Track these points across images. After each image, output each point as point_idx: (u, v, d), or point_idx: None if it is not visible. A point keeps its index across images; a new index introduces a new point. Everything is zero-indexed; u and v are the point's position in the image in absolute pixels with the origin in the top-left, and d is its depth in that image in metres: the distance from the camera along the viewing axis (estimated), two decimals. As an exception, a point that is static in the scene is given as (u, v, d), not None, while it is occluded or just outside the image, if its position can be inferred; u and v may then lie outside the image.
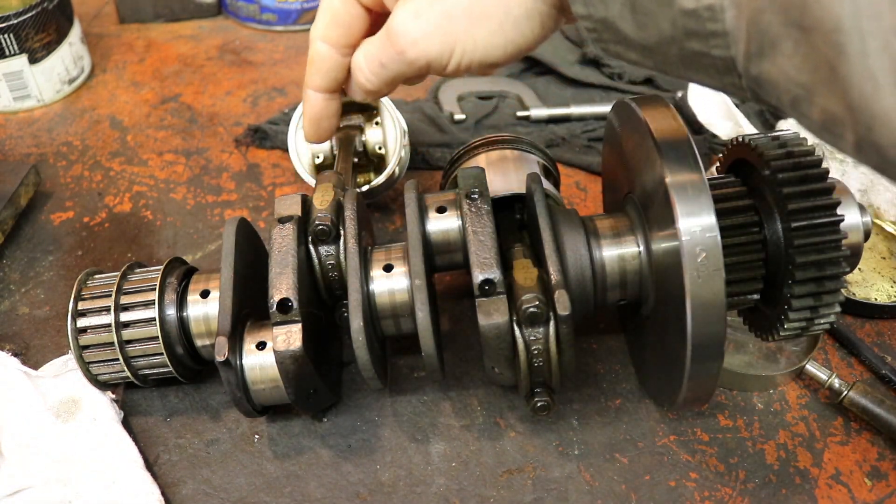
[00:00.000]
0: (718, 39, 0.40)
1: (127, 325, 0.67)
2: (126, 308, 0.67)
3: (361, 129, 0.85)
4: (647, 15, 0.43)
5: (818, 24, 0.35)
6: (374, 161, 0.87)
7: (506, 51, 0.51)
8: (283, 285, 0.61)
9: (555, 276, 0.59)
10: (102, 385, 0.70)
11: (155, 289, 0.67)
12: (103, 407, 0.69)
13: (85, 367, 0.68)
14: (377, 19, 0.56)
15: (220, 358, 0.60)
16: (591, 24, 0.46)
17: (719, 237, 0.52)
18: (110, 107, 1.10)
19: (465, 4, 0.49)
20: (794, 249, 0.56)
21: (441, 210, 0.66)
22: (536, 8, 0.49)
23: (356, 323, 0.61)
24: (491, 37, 0.50)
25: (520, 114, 1.06)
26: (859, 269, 0.83)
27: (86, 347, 0.68)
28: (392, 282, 0.64)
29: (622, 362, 0.75)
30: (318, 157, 0.85)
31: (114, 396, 0.71)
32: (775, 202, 0.58)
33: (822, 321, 0.59)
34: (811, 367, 0.71)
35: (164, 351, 0.67)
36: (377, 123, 0.85)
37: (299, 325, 0.60)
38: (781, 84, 0.39)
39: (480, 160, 0.77)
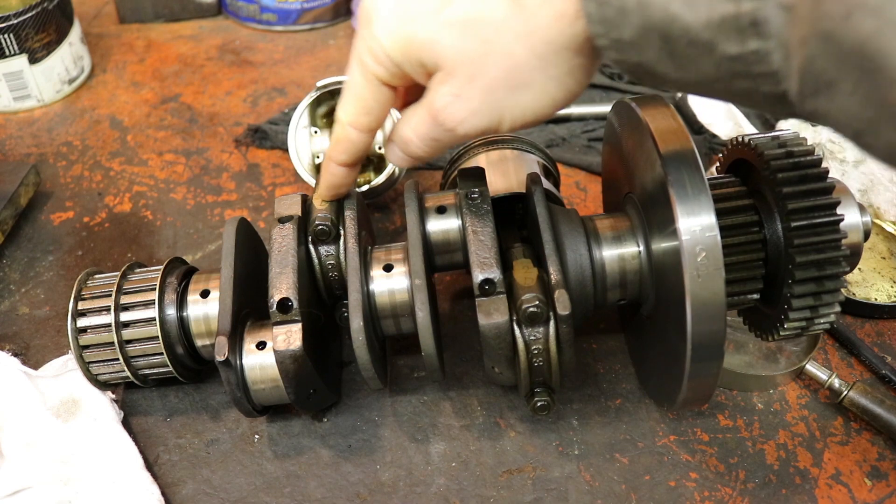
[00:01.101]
0: (767, 78, 0.38)
1: (127, 324, 0.67)
2: (126, 308, 0.67)
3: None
4: (687, 59, 0.41)
5: (880, 69, 0.33)
6: (374, 161, 0.87)
7: (554, 106, 0.51)
8: (283, 285, 0.61)
9: (555, 275, 0.59)
10: (102, 385, 0.70)
11: (155, 289, 0.67)
12: (103, 407, 0.69)
13: (85, 367, 0.68)
14: (408, 89, 0.57)
15: (220, 358, 0.60)
16: (626, 67, 0.45)
17: (719, 237, 0.52)
18: (110, 107, 1.11)
19: (504, 76, 0.48)
20: (794, 249, 0.56)
21: (441, 210, 0.66)
22: (576, 63, 0.48)
23: (356, 323, 0.61)
24: (536, 100, 0.50)
25: (520, 114, 1.06)
26: (859, 269, 0.83)
27: (86, 347, 0.68)
28: (392, 282, 0.64)
29: (622, 362, 0.75)
30: (318, 157, 0.85)
31: (114, 396, 0.71)
32: (775, 202, 0.58)
33: (822, 321, 0.59)
34: (811, 367, 0.71)
35: (164, 351, 0.67)
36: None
37: (299, 325, 0.60)
38: (842, 119, 0.37)
39: (480, 160, 0.77)
